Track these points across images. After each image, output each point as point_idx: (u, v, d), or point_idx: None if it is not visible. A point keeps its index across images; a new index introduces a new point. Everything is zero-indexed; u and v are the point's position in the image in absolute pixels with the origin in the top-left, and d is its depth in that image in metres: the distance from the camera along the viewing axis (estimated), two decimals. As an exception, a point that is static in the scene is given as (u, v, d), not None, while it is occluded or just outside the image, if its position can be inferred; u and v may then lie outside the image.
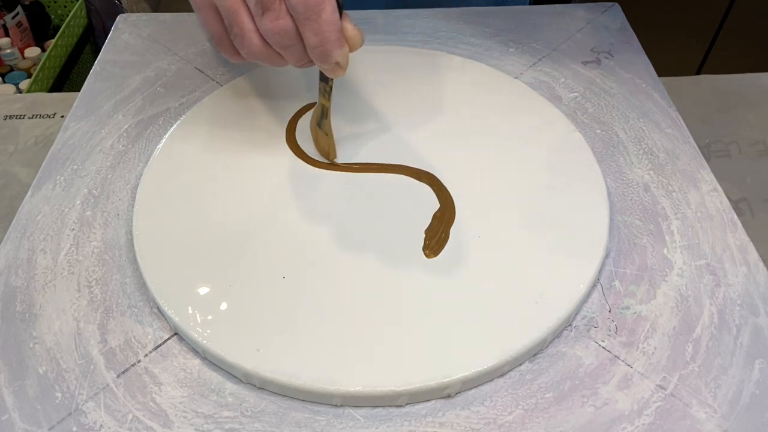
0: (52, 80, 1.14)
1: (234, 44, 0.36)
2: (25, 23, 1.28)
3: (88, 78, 0.53)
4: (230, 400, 0.34)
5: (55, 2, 1.34)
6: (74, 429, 0.32)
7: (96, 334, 0.36)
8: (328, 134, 0.43)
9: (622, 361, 0.35)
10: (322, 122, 0.43)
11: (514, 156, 0.45)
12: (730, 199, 0.43)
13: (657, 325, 0.36)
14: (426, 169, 0.43)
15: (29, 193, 0.44)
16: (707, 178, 0.45)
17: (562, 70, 0.53)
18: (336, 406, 0.33)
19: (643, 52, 0.55)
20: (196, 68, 0.54)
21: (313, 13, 0.33)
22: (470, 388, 0.34)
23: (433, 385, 0.33)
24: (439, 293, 0.37)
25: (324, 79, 0.41)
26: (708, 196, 0.43)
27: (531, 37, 0.57)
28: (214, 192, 0.42)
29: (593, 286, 0.38)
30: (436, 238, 0.39)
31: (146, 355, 0.35)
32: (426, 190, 0.42)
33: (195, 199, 0.42)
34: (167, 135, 0.46)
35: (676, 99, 0.51)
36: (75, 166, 0.46)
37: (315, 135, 0.45)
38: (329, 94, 0.42)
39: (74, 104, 0.51)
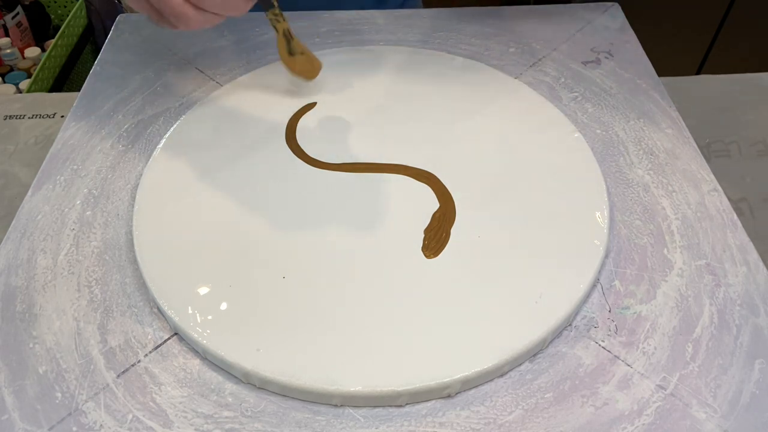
0: (52, 80, 1.14)
1: (172, 22, 0.40)
2: (25, 23, 1.28)
3: (88, 78, 0.53)
4: (230, 400, 0.34)
5: (55, 2, 1.34)
6: (74, 429, 0.32)
7: (96, 334, 0.36)
8: (304, 51, 0.44)
9: (622, 361, 0.35)
10: (292, 48, 0.44)
11: (514, 156, 0.45)
12: (730, 199, 0.43)
13: (657, 325, 0.36)
14: (426, 169, 0.44)
15: (29, 193, 0.44)
16: (707, 178, 0.45)
17: (562, 70, 0.53)
18: (336, 406, 0.33)
19: (643, 52, 0.55)
20: (196, 68, 0.54)
21: None
22: (470, 388, 0.34)
23: (433, 385, 0.33)
24: (439, 293, 0.37)
25: (269, 6, 0.43)
26: (708, 196, 0.43)
27: (531, 37, 0.57)
28: (214, 192, 0.42)
29: (593, 286, 0.38)
30: (436, 238, 0.39)
31: (146, 355, 0.35)
32: (426, 190, 0.42)
33: (195, 199, 0.42)
34: (167, 135, 0.46)
35: (676, 99, 0.51)
36: (75, 166, 0.46)
37: (290, 64, 0.46)
38: (282, 16, 0.44)
39: (74, 104, 0.51)
